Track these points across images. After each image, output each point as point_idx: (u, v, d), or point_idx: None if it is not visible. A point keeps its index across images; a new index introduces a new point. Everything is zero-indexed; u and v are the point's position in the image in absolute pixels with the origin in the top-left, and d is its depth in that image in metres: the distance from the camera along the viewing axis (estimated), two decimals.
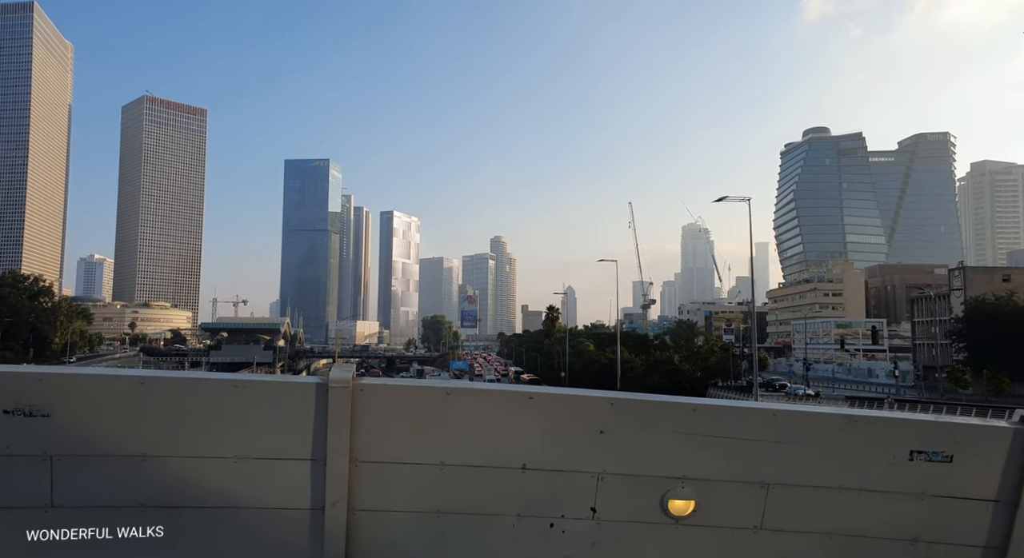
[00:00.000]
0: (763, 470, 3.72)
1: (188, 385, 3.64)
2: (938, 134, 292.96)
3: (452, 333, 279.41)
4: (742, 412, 3.87)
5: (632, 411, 3.76)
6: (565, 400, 3.79)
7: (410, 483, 3.64)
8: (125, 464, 3.44)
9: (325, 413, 3.46)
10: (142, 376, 3.56)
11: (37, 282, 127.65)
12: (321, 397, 3.46)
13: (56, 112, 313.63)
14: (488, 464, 3.65)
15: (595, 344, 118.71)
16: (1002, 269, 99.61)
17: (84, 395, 3.44)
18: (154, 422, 3.45)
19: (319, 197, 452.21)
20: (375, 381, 3.61)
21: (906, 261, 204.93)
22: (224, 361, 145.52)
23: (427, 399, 3.69)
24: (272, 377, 3.85)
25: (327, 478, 3.50)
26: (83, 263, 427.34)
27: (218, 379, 3.61)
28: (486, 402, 3.77)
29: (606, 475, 3.67)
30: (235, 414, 3.50)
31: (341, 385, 3.44)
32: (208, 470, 3.50)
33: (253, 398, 3.52)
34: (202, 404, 3.51)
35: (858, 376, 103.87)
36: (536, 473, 3.65)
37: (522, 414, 3.66)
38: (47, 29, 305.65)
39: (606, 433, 3.64)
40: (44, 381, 3.36)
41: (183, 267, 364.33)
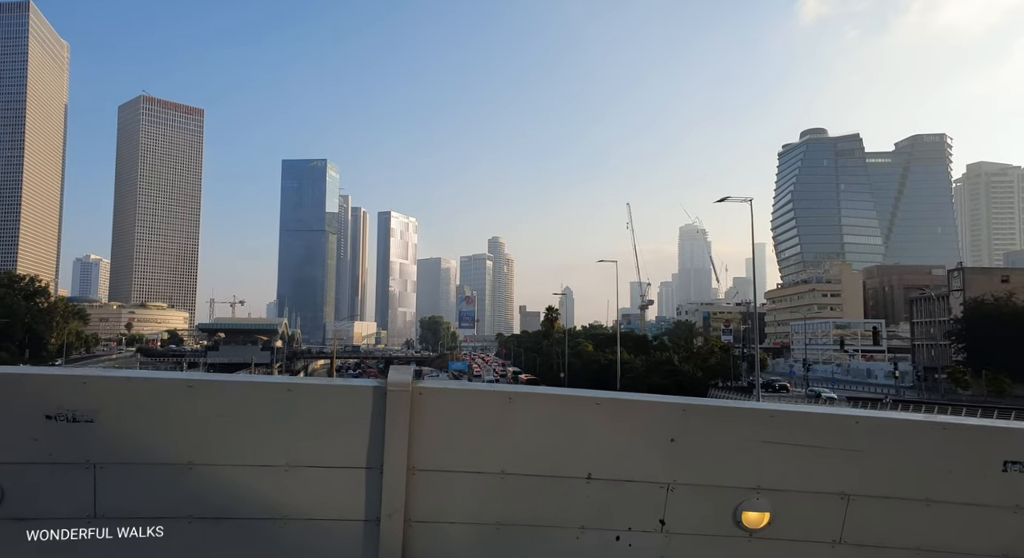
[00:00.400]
0: (843, 480, 3.52)
1: (238, 389, 3.44)
2: (934, 135, 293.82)
3: (450, 334, 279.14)
4: (822, 418, 3.70)
5: (705, 417, 3.55)
6: (635, 406, 3.63)
7: (469, 493, 3.47)
8: (171, 472, 3.31)
9: (383, 418, 3.30)
10: (190, 380, 3.38)
11: (33, 282, 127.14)
12: (379, 401, 3.31)
13: (52, 112, 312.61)
14: (551, 473, 3.48)
15: (594, 345, 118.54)
16: (1001, 270, 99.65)
17: (129, 400, 3.29)
18: (202, 428, 3.32)
19: (316, 197, 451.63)
20: (435, 385, 3.43)
21: (903, 262, 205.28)
22: (221, 362, 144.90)
23: (488, 404, 3.50)
24: (327, 380, 3.66)
25: (383, 488, 3.34)
26: (79, 263, 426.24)
27: (271, 382, 3.48)
28: (550, 408, 3.55)
29: (676, 485, 3.49)
30: (287, 419, 3.33)
31: (400, 389, 3.28)
32: (258, 479, 3.35)
33: (307, 402, 3.35)
34: (253, 409, 3.34)
35: (857, 377, 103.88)
36: (602, 483, 3.48)
37: (588, 420, 3.48)
38: (43, 28, 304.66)
39: (677, 441, 3.46)
40: (88, 385, 3.24)
41: (180, 267, 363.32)
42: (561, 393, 3.60)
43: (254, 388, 3.50)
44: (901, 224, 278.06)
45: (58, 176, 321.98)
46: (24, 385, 3.26)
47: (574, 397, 3.61)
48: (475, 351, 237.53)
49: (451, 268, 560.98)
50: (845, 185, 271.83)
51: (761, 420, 3.57)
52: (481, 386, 3.72)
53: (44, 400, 3.15)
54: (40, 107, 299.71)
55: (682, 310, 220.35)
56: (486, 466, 3.44)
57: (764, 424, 3.54)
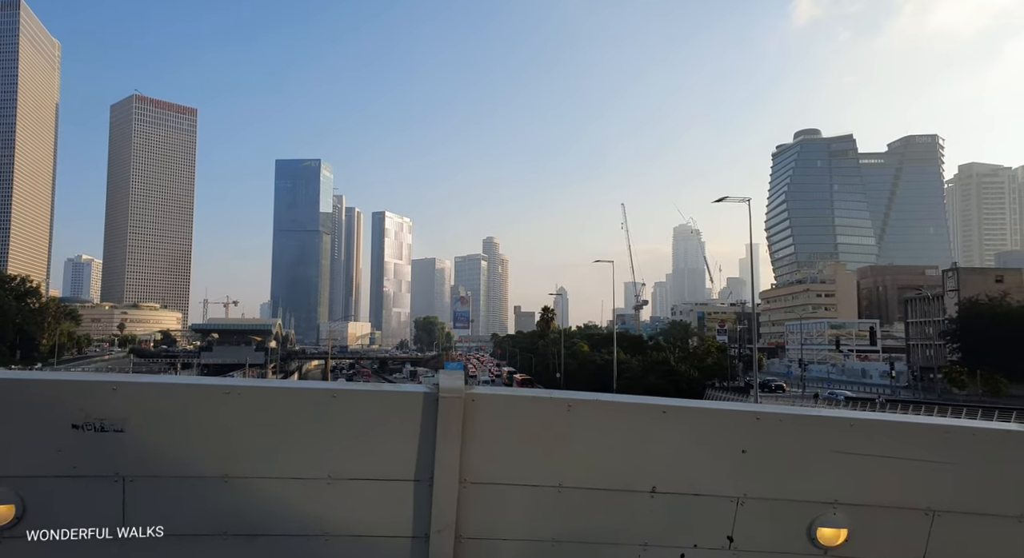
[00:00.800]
0: (928, 495, 3.27)
1: (278, 395, 3.24)
2: (927, 136, 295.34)
3: (445, 334, 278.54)
4: (906, 428, 3.46)
5: (780, 427, 3.34)
6: (704, 414, 3.41)
7: (524, 507, 3.25)
8: (205, 486, 3.09)
9: (433, 427, 3.09)
10: (227, 386, 3.12)
11: (24, 283, 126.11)
12: (429, 409, 3.09)
13: (43, 111, 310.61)
14: (612, 487, 3.26)
15: (589, 345, 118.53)
16: (995, 270, 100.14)
17: (162, 407, 3.08)
18: (239, 438, 3.10)
19: (310, 197, 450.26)
20: (488, 391, 3.22)
21: (895, 262, 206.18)
22: (215, 363, 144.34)
23: (546, 412, 3.26)
24: (374, 386, 3.43)
25: (433, 502, 3.13)
26: (71, 264, 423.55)
27: (314, 388, 3.27)
28: (612, 416, 3.33)
29: (747, 499, 3.27)
30: (330, 428, 3.12)
31: (452, 395, 3.06)
32: (298, 493, 3.13)
33: (351, 410, 3.14)
34: (293, 417, 3.11)
35: (852, 377, 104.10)
36: (667, 497, 3.25)
37: (653, 430, 3.27)
38: (34, 27, 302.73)
39: (749, 452, 3.24)
40: (118, 391, 3.01)
41: (173, 268, 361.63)
42: (624, 400, 3.41)
43: (295, 395, 3.25)
44: (894, 224, 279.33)
45: (49, 176, 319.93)
46: (49, 392, 3.02)
47: (638, 405, 3.43)
48: (470, 351, 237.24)
49: (446, 268, 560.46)
50: (838, 185, 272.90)
51: (839, 428, 3.33)
52: (538, 393, 3.38)
53: (70, 408, 2.94)
54: (31, 106, 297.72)
55: (677, 310, 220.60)
56: (542, 479, 3.22)
57: (842, 433, 3.29)
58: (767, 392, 78.48)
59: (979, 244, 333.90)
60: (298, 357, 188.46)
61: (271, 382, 3.36)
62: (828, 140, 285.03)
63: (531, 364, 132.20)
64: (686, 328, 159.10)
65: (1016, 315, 72.86)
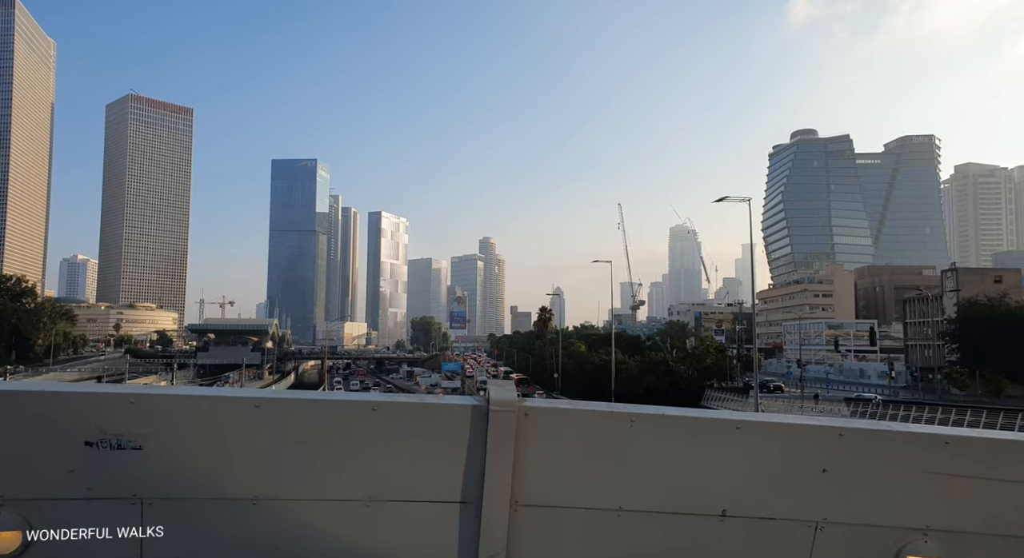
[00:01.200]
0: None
1: (312, 408, 2.94)
2: (923, 136, 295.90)
3: (441, 334, 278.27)
4: (1010, 445, 3.09)
5: (866, 444, 3.00)
6: (781, 430, 3.08)
7: (581, 532, 2.94)
8: (232, 509, 2.80)
9: (483, 443, 2.80)
10: (257, 398, 2.84)
11: (19, 283, 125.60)
12: (478, 423, 2.81)
13: (39, 110, 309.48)
14: (679, 510, 2.96)
15: (586, 345, 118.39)
16: (994, 270, 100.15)
17: (185, 422, 2.78)
18: (270, 455, 2.82)
19: (306, 197, 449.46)
20: (544, 404, 2.93)
21: (892, 262, 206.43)
22: (212, 363, 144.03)
23: (605, 427, 2.96)
24: (418, 398, 3.08)
25: (482, 526, 2.83)
26: (66, 264, 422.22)
27: (352, 400, 2.95)
28: (679, 432, 3.02)
29: (827, 524, 2.96)
30: (369, 444, 2.84)
31: (505, 408, 2.78)
32: (334, 516, 2.85)
33: (392, 424, 2.85)
34: (329, 432, 2.84)
35: (850, 377, 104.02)
36: (739, 521, 2.96)
37: (725, 447, 2.96)
38: (29, 26, 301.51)
39: (830, 472, 2.93)
40: (136, 405, 2.72)
41: (168, 268, 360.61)
42: (693, 415, 3.10)
43: (331, 407, 2.97)
44: (890, 225, 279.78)
45: (44, 175, 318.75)
46: (60, 405, 2.70)
47: (709, 419, 3.12)
48: (467, 351, 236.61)
49: (442, 268, 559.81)
50: (835, 186, 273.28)
51: (931, 446, 2.99)
52: (598, 406, 3.04)
53: (84, 423, 2.66)
54: (26, 105, 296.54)
55: (673, 310, 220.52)
56: (602, 501, 2.93)
57: (935, 451, 2.95)
58: (766, 392, 78.20)
59: (975, 244, 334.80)
60: (294, 357, 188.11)
61: (304, 394, 2.99)
62: (825, 140, 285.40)
63: (528, 364, 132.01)
64: (683, 328, 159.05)
65: (1015, 315, 72.83)
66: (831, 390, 77.81)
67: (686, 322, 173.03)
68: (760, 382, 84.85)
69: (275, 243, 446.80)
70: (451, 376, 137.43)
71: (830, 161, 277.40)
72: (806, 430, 3.06)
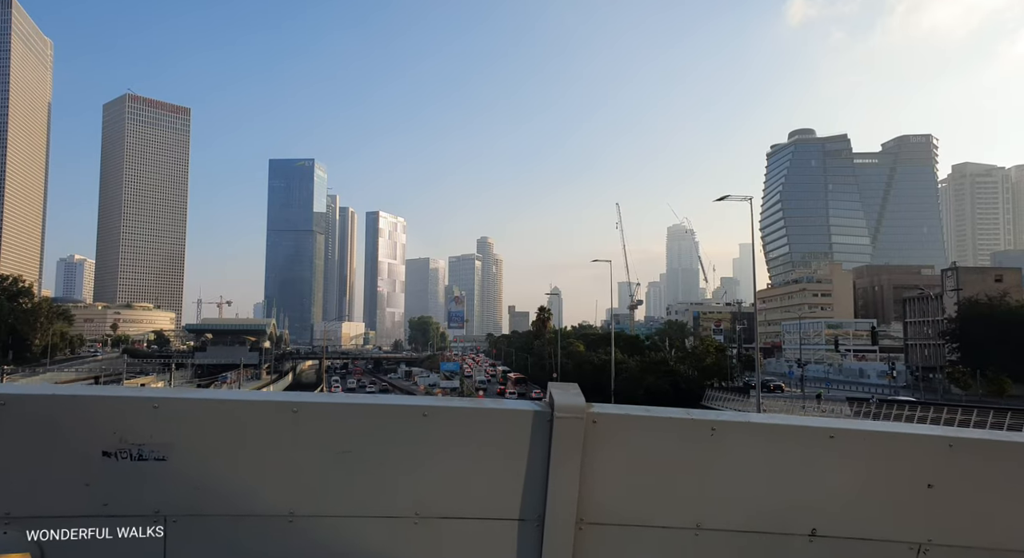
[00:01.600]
0: None
1: (357, 414, 2.64)
2: (920, 136, 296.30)
3: (439, 334, 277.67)
4: None
5: (978, 456, 2.68)
6: (881, 440, 2.73)
7: (654, 553, 2.65)
8: (267, 527, 2.53)
9: (545, 454, 2.53)
10: (295, 402, 2.56)
11: (16, 283, 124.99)
12: (540, 430, 2.54)
13: (35, 110, 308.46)
14: (763, 529, 2.65)
15: (585, 345, 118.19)
16: (994, 269, 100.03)
17: (215, 430, 2.52)
18: (309, 466, 2.53)
19: (304, 197, 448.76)
20: (614, 410, 2.63)
21: (890, 262, 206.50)
22: (209, 363, 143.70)
23: (684, 436, 2.67)
24: (473, 402, 2.76)
25: (544, 546, 2.55)
26: (63, 263, 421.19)
27: (400, 405, 2.68)
28: (765, 441, 2.69)
29: (932, 546, 2.64)
30: (419, 454, 2.57)
31: (571, 415, 2.50)
32: (379, 534, 2.57)
33: (445, 431, 2.59)
34: (375, 441, 2.56)
35: (849, 376, 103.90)
36: (830, 542, 2.65)
37: (816, 459, 2.66)
38: (26, 25, 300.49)
39: (936, 487, 2.62)
40: (160, 410, 2.46)
41: (166, 267, 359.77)
42: (781, 422, 2.79)
43: (377, 413, 2.66)
44: (888, 224, 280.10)
45: (41, 175, 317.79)
46: (75, 411, 2.43)
47: (798, 428, 2.79)
48: (465, 351, 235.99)
49: (440, 268, 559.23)
50: (833, 185, 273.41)
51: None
52: (674, 413, 2.76)
53: (101, 431, 2.40)
54: (23, 105, 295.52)
55: (672, 310, 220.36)
56: (677, 519, 2.65)
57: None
58: (766, 392, 77.88)
59: (973, 244, 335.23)
60: (292, 357, 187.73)
61: (346, 398, 2.75)
62: (823, 140, 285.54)
63: (527, 364, 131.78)
64: (682, 328, 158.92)
65: (1016, 315, 72.65)
66: (831, 390, 77.61)
67: (685, 322, 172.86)
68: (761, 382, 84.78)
69: (272, 243, 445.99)
70: (450, 376, 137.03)
71: (828, 161, 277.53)
72: (910, 440, 2.73)
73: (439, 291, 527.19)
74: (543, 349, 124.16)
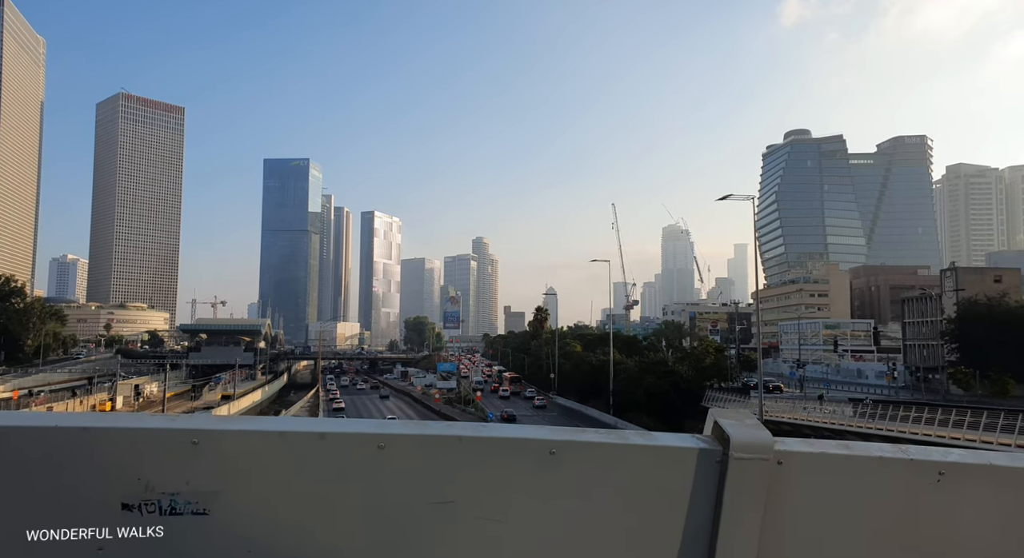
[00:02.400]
0: None
1: (466, 450, 2.00)
2: (915, 137, 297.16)
3: (435, 334, 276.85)
4: None
5: None
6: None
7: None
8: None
9: (713, 504, 1.96)
10: (382, 434, 1.95)
11: (8, 283, 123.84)
12: (706, 474, 1.97)
13: (27, 109, 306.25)
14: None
15: (582, 345, 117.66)
16: (994, 270, 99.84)
17: (275, 472, 1.89)
18: (401, 521, 1.95)
19: (299, 197, 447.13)
20: (804, 447, 2.02)
21: (885, 262, 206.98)
22: (204, 363, 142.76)
23: (903, 481, 2.04)
24: (614, 436, 2.10)
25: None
26: (56, 263, 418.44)
27: (523, 438, 2.02)
28: (1016, 490, 2.07)
29: None
30: (542, 502, 1.98)
31: (752, 455, 1.93)
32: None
33: (578, 474, 1.99)
34: (487, 484, 1.98)
35: (847, 377, 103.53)
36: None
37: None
38: (18, 23, 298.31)
39: None
40: (202, 446, 1.85)
41: (160, 267, 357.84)
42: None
43: (488, 449, 2.01)
44: (883, 224, 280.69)
45: (34, 174, 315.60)
46: (85, 449, 1.81)
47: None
48: (460, 352, 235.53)
49: (435, 268, 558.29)
50: (828, 186, 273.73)
51: None
52: (888, 450, 2.08)
53: (120, 476, 1.81)
54: (15, 103, 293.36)
55: (668, 310, 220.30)
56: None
57: None
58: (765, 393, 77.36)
59: (967, 244, 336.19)
60: (287, 358, 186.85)
61: (448, 428, 2.07)
62: (818, 140, 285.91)
63: (524, 364, 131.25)
64: (679, 328, 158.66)
65: (1015, 315, 72.44)
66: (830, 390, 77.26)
67: (682, 322, 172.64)
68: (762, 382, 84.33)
69: (267, 243, 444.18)
70: (446, 376, 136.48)
71: (823, 161, 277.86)
72: None
73: (434, 291, 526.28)
74: (540, 349, 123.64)
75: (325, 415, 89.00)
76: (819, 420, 49.95)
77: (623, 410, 70.36)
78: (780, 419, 53.43)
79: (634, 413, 67.60)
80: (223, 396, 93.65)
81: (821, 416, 51.15)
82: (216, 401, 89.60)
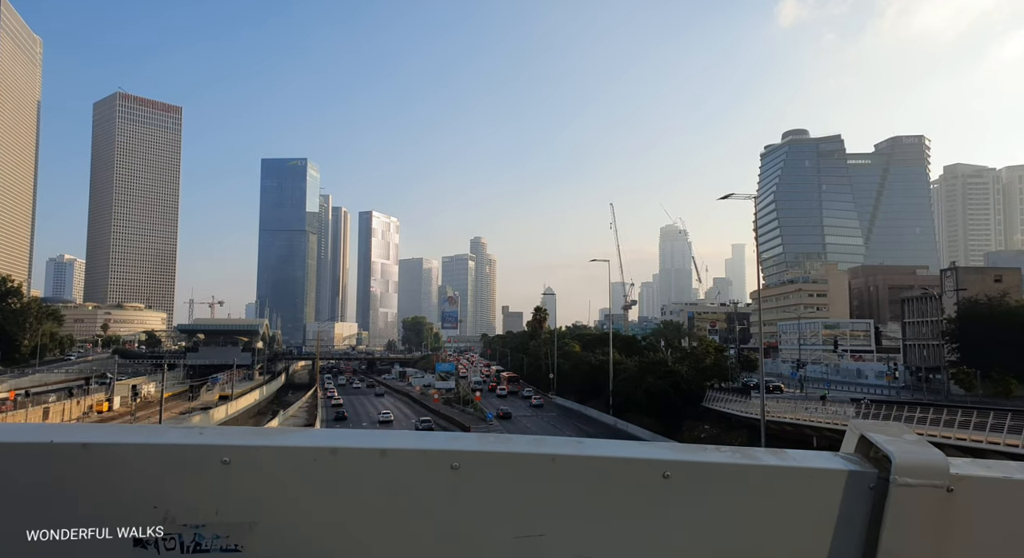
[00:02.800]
0: None
1: (562, 470, 1.67)
2: (913, 137, 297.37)
3: (433, 334, 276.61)
4: None
5: None
6: None
7: None
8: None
9: (864, 536, 1.66)
10: (454, 451, 1.64)
11: (5, 283, 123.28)
12: (857, 500, 1.66)
13: (24, 108, 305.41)
14: None
15: (581, 345, 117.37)
16: (993, 270, 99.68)
17: (324, 496, 1.59)
18: (470, 553, 1.64)
19: (296, 197, 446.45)
20: (982, 472, 1.67)
21: (883, 262, 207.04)
22: (201, 363, 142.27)
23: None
24: (738, 454, 1.78)
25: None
26: (52, 263, 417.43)
27: (631, 458, 1.70)
28: None
29: None
30: (654, 531, 1.68)
31: (919, 481, 1.61)
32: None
33: (694, 498, 1.69)
34: (585, 512, 1.67)
35: (847, 377, 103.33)
36: None
37: None
38: (14, 22, 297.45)
39: None
40: (234, 466, 1.55)
41: (157, 267, 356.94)
42: None
43: (586, 469, 1.68)
44: (881, 225, 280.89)
45: (31, 174, 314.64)
46: (91, 470, 1.53)
47: None
48: (459, 352, 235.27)
49: (433, 268, 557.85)
50: (827, 186, 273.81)
51: None
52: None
53: (134, 503, 1.53)
54: (11, 103, 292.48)
55: (667, 310, 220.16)
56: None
57: None
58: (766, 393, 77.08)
59: (964, 244, 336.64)
60: (285, 358, 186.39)
61: (539, 443, 1.72)
62: (816, 140, 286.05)
63: (522, 364, 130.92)
64: (678, 328, 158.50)
65: (1015, 315, 72.26)
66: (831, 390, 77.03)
67: (680, 322, 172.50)
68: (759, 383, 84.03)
69: (265, 243, 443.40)
70: (445, 376, 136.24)
71: (821, 161, 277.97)
72: None
73: (432, 291, 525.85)
74: (539, 349, 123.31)
75: (325, 414, 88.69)
76: (822, 421, 49.66)
77: (623, 410, 70.13)
78: (782, 419, 53.16)
79: (634, 413, 67.36)
80: (221, 396, 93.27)
81: (824, 417, 50.86)
82: (214, 401, 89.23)
